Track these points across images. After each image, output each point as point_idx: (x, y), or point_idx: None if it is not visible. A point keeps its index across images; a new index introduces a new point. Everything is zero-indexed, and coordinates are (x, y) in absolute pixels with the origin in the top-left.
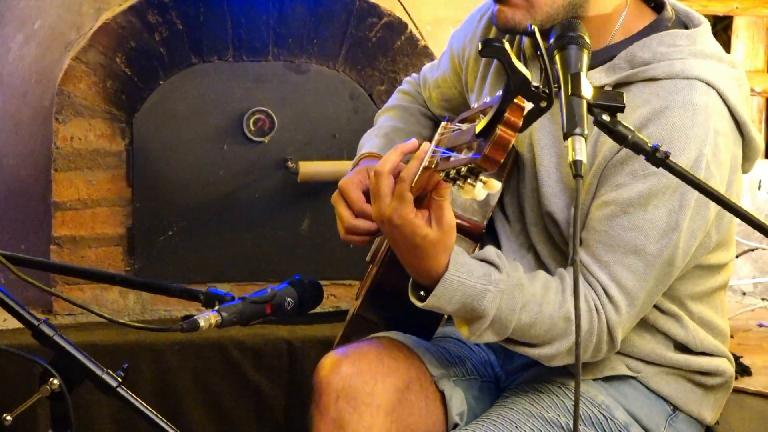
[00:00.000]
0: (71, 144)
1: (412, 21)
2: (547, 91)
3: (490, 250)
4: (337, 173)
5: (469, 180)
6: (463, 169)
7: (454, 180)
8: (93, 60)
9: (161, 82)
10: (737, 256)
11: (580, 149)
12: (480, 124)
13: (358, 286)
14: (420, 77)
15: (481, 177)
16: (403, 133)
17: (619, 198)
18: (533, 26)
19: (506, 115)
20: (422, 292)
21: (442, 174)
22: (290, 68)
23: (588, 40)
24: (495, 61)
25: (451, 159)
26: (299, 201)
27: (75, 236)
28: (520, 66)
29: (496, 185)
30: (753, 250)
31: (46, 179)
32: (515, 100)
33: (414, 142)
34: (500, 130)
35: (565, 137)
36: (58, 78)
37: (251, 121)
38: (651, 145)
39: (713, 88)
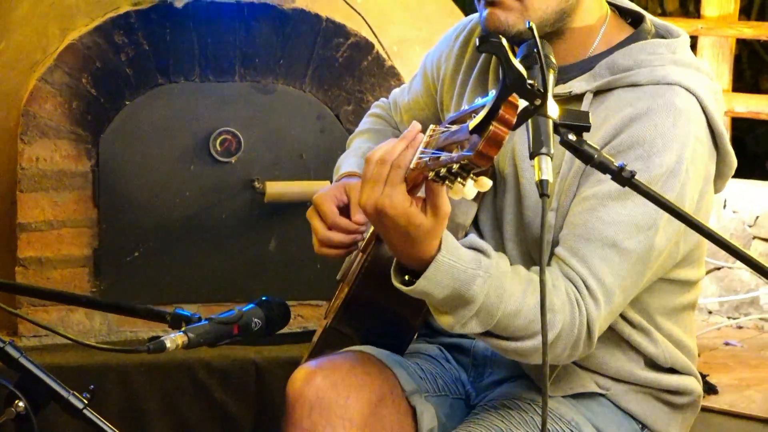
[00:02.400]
0: (37, 165)
1: (379, 41)
2: (541, 89)
3: (476, 238)
4: (305, 193)
5: (459, 179)
6: (455, 167)
7: (444, 179)
8: (59, 80)
9: (127, 103)
10: None
11: (546, 169)
12: (473, 122)
13: (325, 307)
14: (390, 101)
15: (472, 175)
16: None
17: (599, 192)
18: (531, 23)
19: (501, 111)
20: (407, 276)
21: (432, 173)
22: (257, 88)
23: (554, 60)
24: (472, 78)
25: (442, 158)
26: (266, 221)
27: (40, 257)
28: (516, 63)
29: (488, 183)
30: (719, 268)
31: (12, 200)
32: (509, 98)
33: (416, 125)
34: (494, 126)
35: (531, 157)
36: (23, 99)
37: (218, 141)
38: (617, 165)
39: (693, 95)
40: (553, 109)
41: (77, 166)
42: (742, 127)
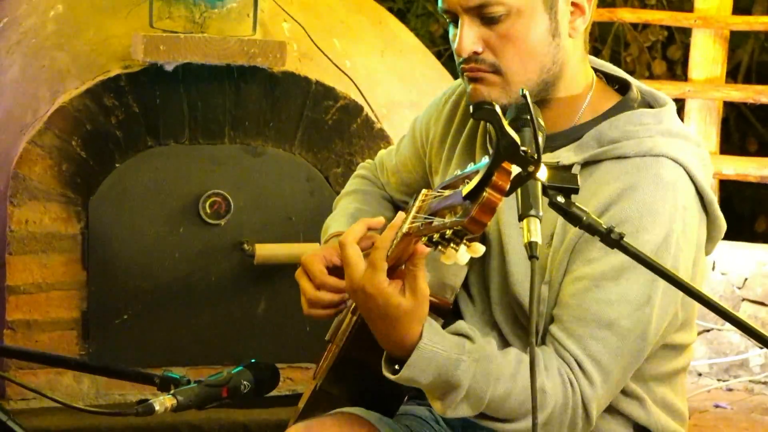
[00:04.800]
0: (26, 227)
1: (368, 104)
2: (535, 156)
3: (461, 324)
4: (294, 255)
5: (452, 244)
6: (448, 233)
7: (436, 244)
8: (49, 143)
9: (117, 165)
10: None
11: (535, 230)
12: (467, 188)
13: (314, 369)
14: (376, 162)
15: (465, 241)
16: (368, 214)
17: (591, 272)
18: (525, 90)
19: (494, 178)
20: (396, 366)
21: (425, 238)
22: (246, 151)
23: (543, 123)
24: (460, 143)
25: (434, 223)
26: (255, 284)
27: (29, 320)
28: (510, 130)
29: (480, 249)
30: (708, 330)
31: (0, 263)
32: (503, 165)
33: (381, 219)
34: (488, 193)
35: (520, 219)
36: (13, 161)
37: (207, 203)
38: (605, 227)
39: (681, 165)
40: (542, 172)
41: (66, 229)
42: (729, 188)
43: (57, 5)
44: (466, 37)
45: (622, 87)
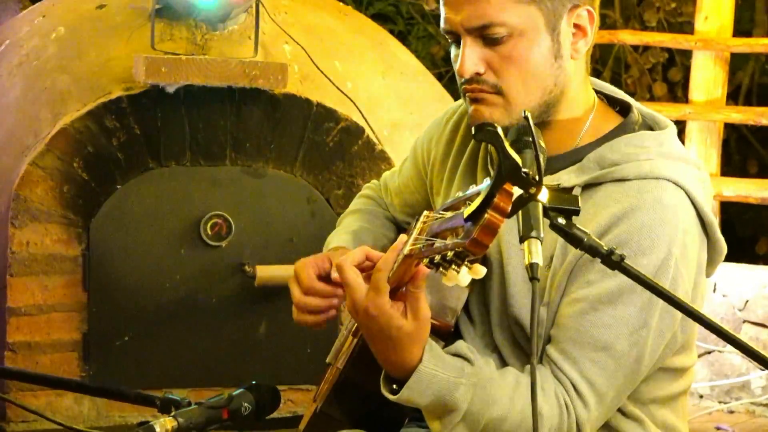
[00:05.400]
0: (27, 249)
1: (369, 125)
2: (536, 178)
3: (461, 345)
4: None
5: (453, 266)
6: (449, 254)
7: (438, 266)
8: (50, 165)
9: (118, 187)
10: None
11: (536, 252)
12: (468, 209)
13: (315, 391)
14: (380, 184)
15: (467, 262)
16: (370, 234)
17: (589, 295)
18: (527, 112)
19: (496, 200)
20: (395, 386)
21: (426, 260)
22: (247, 172)
23: (543, 145)
24: (461, 164)
25: (436, 245)
26: (256, 305)
27: (30, 342)
28: (512, 152)
29: (482, 270)
30: (709, 352)
31: (2, 285)
32: (504, 186)
33: (381, 254)
34: (489, 215)
35: (521, 240)
36: (14, 183)
37: (208, 225)
38: (606, 249)
39: (681, 188)
40: (543, 194)
41: (67, 250)
42: (730, 210)
43: (59, 27)
44: (469, 57)
45: (624, 109)
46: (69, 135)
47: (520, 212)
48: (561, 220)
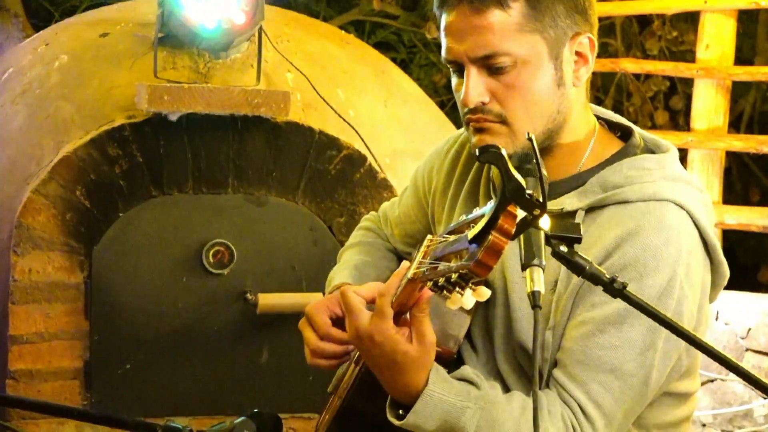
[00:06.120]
0: (29, 277)
1: (371, 153)
2: (540, 199)
3: (467, 369)
4: (297, 305)
5: (457, 288)
6: (454, 276)
7: (442, 289)
8: (52, 192)
9: (120, 215)
10: None
11: (538, 280)
12: (473, 231)
13: (317, 420)
14: (379, 215)
15: (471, 285)
16: (372, 266)
17: (595, 317)
18: (530, 134)
19: (500, 221)
20: (401, 411)
21: (430, 283)
22: (250, 200)
23: (545, 173)
24: (463, 191)
25: (440, 268)
26: (258, 333)
27: (31, 370)
28: (515, 173)
29: (486, 292)
30: (712, 380)
31: (3, 312)
32: (508, 208)
33: (405, 264)
34: (493, 236)
35: (523, 268)
36: (17, 210)
37: (210, 253)
38: (608, 277)
39: (684, 210)
40: (545, 222)
41: (70, 278)
42: (732, 239)
43: (62, 56)
44: (473, 87)
45: (625, 134)
46: (72, 163)
47: (522, 240)
48: (563, 248)
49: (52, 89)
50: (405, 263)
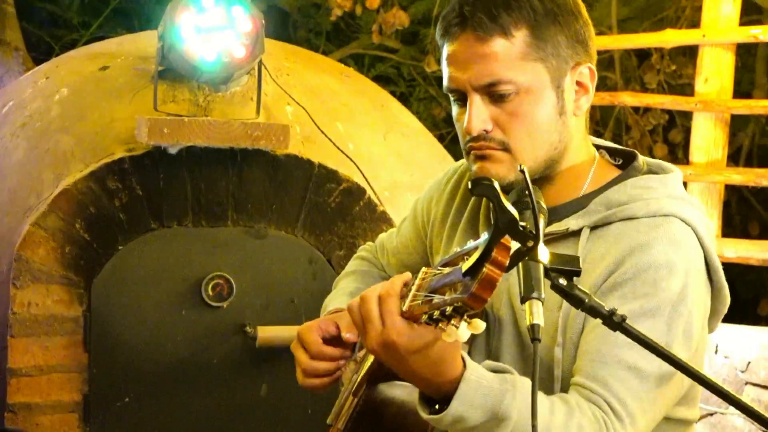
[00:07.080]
0: (28, 310)
1: (371, 186)
2: (533, 231)
3: (489, 361)
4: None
5: (452, 321)
6: (448, 309)
7: (437, 322)
8: (52, 226)
9: (120, 248)
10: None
11: (537, 313)
12: (466, 264)
13: None
14: (376, 245)
15: (466, 317)
16: None
17: None
18: (523, 166)
19: (494, 254)
20: (437, 406)
21: (425, 316)
22: (249, 233)
23: (544, 206)
24: (462, 223)
25: (435, 301)
26: (257, 366)
27: (30, 403)
28: (508, 205)
29: (481, 325)
30: (711, 414)
31: (2, 345)
32: (502, 240)
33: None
34: (487, 269)
35: (522, 301)
36: (16, 243)
37: (210, 286)
38: (607, 310)
39: (690, 227)
40: (544, 254)
41: (69, 311)
42: (732, 272)
43: (62, 89)
44: (476, 115)
45: (627, 161)
46: (71, 196)
47: (521, 273)
48: (562, 281)
49: (53, 122)
50: (407, 273)
